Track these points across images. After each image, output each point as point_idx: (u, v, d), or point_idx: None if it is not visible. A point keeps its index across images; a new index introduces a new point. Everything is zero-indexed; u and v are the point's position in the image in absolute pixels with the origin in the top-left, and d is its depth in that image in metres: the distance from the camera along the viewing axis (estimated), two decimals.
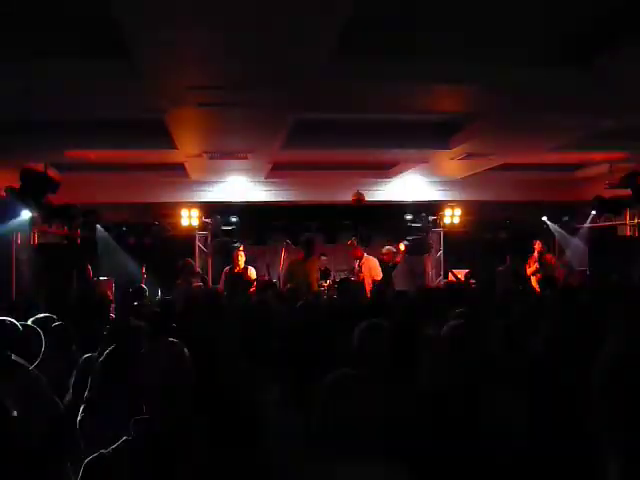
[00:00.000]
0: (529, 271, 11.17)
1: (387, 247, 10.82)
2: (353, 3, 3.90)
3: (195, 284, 9.94)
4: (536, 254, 11.25)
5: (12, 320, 3.79)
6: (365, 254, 10.31)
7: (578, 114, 6.91)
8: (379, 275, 10.04)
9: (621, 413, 1.20)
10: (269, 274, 11.21)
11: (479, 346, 3.14)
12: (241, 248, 10.35)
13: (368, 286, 9.83)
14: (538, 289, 10.08)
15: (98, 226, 11.22)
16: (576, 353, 2.98)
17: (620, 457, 1.22)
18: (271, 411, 3.20)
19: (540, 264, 11.07)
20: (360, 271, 10.11)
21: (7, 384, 3.24)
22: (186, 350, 2.50)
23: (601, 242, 11.84)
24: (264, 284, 8.47)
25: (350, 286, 7.69)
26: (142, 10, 3.98)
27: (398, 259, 11.01)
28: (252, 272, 10.06)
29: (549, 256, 11.41)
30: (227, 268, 10.25)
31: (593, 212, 11.28)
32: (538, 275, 10.85)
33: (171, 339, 2.61)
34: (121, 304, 8.23)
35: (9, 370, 3.46)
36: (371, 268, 10.19)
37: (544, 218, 12.62)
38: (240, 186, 11.75)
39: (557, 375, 3.05)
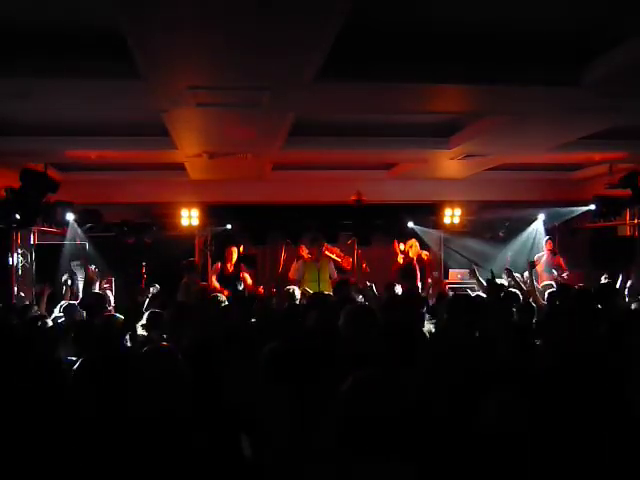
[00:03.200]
0: (540, 266, 11.10)
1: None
2: (353, 5, 3.91)
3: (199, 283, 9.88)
4: (547, 252, 11.22)
5: None
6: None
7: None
8: (335, 274, 9.65)
9: None
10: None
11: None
12: (234, 249, 10.17)
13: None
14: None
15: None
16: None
17: None
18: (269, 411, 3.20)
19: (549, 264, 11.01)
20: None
21: None
22: (180, 355, 2.51)
23: (601, 242, 11.82)
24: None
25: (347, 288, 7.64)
26: (142, 11, 3.98)
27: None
28: (247, 278, 9.96)
29: (559, 258, 11.30)
30: (218, 264, 10.07)
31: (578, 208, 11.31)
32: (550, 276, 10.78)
33: (164, 343, 2.62)
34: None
35: None
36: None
37: (541, 216, 12.61)
38: (240, 186, 11.75)
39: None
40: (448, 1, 4.51)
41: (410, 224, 12.30)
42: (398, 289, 7.29)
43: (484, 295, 6.72)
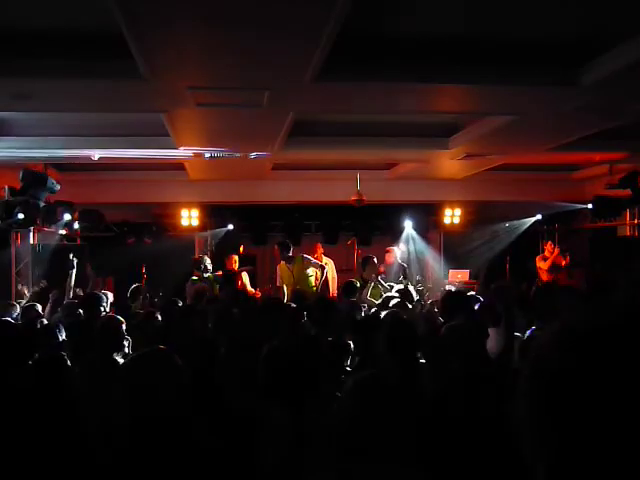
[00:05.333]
0: (545, 264, 11.11)
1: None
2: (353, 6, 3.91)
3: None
4: (548, 254, 11.23)
5: None
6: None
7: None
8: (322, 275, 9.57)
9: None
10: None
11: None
12: (235, 257, 10.21)
13: (334, 288, 9.54)
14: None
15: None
16: None
17: None
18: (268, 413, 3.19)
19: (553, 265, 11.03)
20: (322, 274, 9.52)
21: None
22: (177, 357, 2.50)
23: (601, 242, 11.83)
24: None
25: (355, 288, 7.66)
26: (142, 10, 3.98)
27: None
28: (245, 277, 9.97)
29: (561, 259, 11.28)
30: (220, 273, 10.11)
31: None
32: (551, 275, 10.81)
33: (161, 346, 2.60)
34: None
35: None
36: (333, 268, 9.96)
37: (538, 217, 12.62)
38: (240, 186, 11.75)
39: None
40: (448, 2, 4.51)
41: (407, 225, 12.29)
42: None
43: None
